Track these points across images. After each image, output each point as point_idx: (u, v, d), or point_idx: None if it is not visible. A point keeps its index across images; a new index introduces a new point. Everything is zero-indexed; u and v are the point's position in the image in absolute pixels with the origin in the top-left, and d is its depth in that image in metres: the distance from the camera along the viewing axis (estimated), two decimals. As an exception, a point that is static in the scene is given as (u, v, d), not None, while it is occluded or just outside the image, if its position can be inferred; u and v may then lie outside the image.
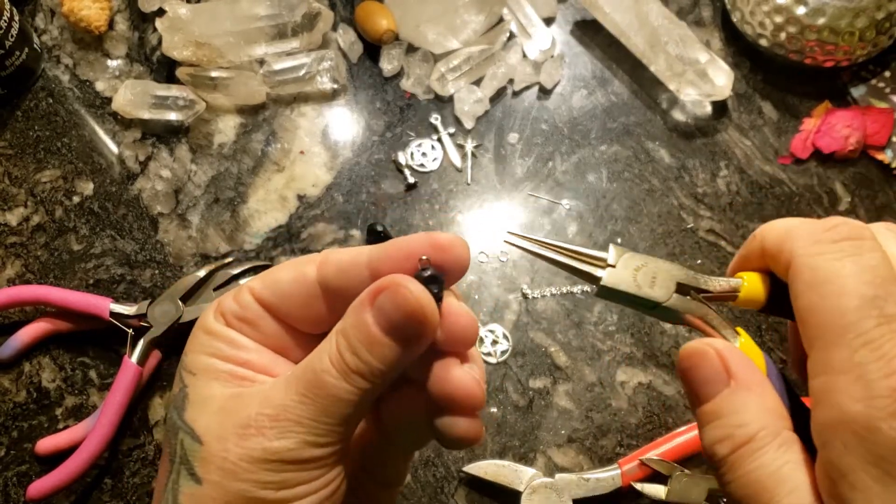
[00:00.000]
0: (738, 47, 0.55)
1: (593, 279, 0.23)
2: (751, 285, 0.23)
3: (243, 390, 0.24)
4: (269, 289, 0.26)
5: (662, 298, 0.23)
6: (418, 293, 0.22)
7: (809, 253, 0.20)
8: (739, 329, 0.23)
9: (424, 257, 0.23)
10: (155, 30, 0.56)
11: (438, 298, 0.23)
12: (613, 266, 0.23)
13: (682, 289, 0.24)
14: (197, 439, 0.23)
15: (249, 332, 0.25)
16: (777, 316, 0.24)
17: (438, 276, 0.23)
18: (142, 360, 0.44)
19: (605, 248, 0.24)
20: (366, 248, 0.25)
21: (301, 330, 0.26)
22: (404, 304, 0.22)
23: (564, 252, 0.24)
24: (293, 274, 0.25)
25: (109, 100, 0.54)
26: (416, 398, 0.25)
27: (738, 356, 0.21)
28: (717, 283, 0.24)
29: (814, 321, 0.19)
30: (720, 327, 0.23)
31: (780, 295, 0.22)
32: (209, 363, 0.25)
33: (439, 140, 0.52)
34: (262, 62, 0.53)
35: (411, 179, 0.51)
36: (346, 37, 0.55)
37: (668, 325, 0.47)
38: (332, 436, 0.23)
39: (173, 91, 0.52)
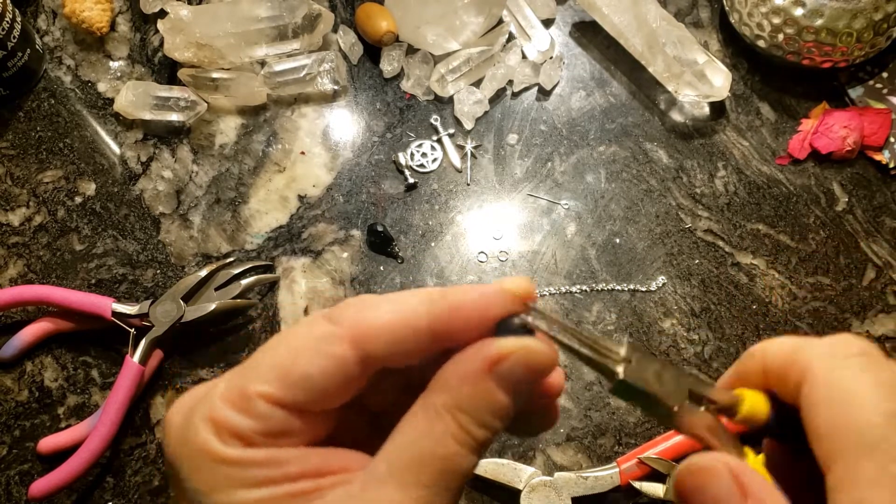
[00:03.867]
0: (736, 48, 0.56)
1: (610, 374, 0.22)
2: (752, 402, 0.22)
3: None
4: (295, 388, 0.20)
5: (676, 404, 0.22)
6: (546, 351, 0.21)
7: (826, 368, 0.20)
8: (747, 448, 0.22)
9: (519, 319, 0.21)
10: (156, 31, 0.56)
11: None
12: (629, 361, 0.22)
13: (692, 396, 0.23)
14: None
15: (282, 443, 0.20)
16: (774, 437, 0.23)
17: (528, 324, 0.21)
18: (143, 360, 0.44)
19: (606, 249, 0.24)
20: (418, 305, 0.21)
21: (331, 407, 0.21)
22: (537, 365, 0.21)
23: (578, 338, 0.23)
24: (325, 362, 0.20)
25: (111, 101, 0.54)
26: None
27: (752, 474, 0.20)
28: (721, 395, 0.23)
29: (836, 436, 0.19)
30: (728, 442, 0.22)
31: (781, 415, 0.22)
32: (257, 496, 0.19)
33: (439, 141, 0.53)
34: (262, 63, 0.54)
35: (411, 180, 0.51)
36: (346, 38, 0.55)
37: (666, 325, 0.47)
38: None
39: (175, 92, 0.52)
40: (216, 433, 0.20)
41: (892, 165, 0.51)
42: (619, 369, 0.22)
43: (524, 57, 0.55)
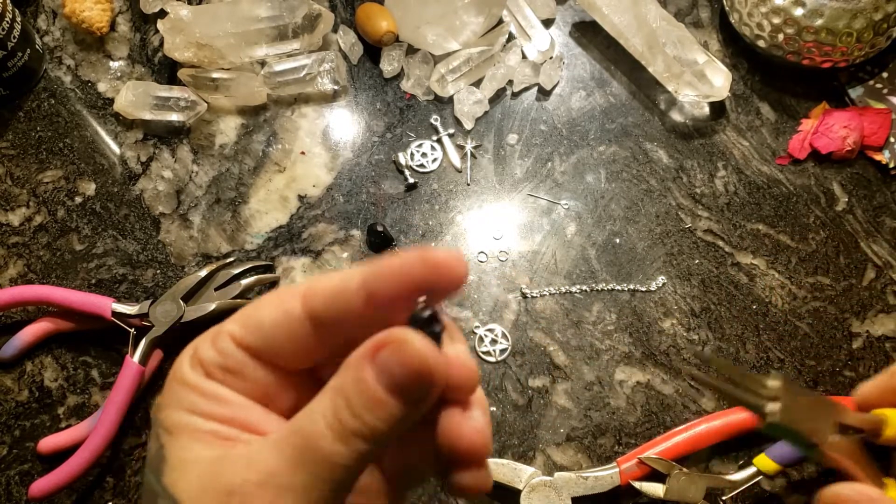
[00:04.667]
0: (736, 48, 0.56)
1: (761, 413, 0.22)
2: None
3: (227, 452, 0.21)
4: (252, 332, 0.23)
5: (824, 439, 0.22)
6: (424, 350, 0.20)
7: None
8: (888, 479, 0.22)
9: (422, 298, 0.21)
10: (156, 31, 0.56)
11: (438, 339, 0.21)
12: (776, 398, 0.22)
13: (839, 427, 0.22)
14: (165, 497, 0.21)
15: (233, 383, 0.23)
16: None
17: (438, 315, 0.21)
18: (143, 360, 0.44)
19: (606, 249, 0.24)
20: (355, 272, 0.22)
21: (288, 369, 0.23)
22: (410, 362, 0.20)
23: (728, 378, 0.22)
24: (277, 312, 0.23)
25: (111, 101, 0.54)
26: (416, 444, 0.23)
27: None
28: (865, 421, 0.22)
29: None
30: (871, 473, 0.22)
31: None
32: (189, 421, 0.22)
33: (439, 141, 0.53)
34: (262, 63, 0.54)
35: (411, 180, 0.51)
36: (346, 38, 0.55)
37: (666, 325, 0.47)
38: (325, 502, 0.20)
39: (175, 92, 0.52)
40: (190, 360, 0.23)
41: (892, 165, 0.51)
42: (771, 408, 0.21)
43: (524, 57, 0.55)
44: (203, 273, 0.47)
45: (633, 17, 0.52)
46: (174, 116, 0.52)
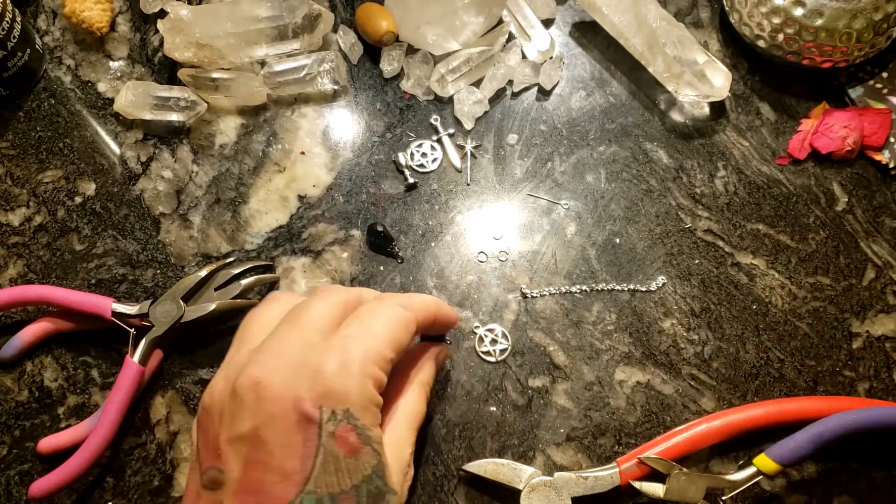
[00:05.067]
0: (737, 48, 0.56)
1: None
2: None
3: (388, 439, 0.36)
4: (399, 354, 0.36)
5: None
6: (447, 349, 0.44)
7: None
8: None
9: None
10: (156, 31, 0.56)
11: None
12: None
13: None
14: (393, 492, 0.33)
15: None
16: None
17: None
18: (144, 360, 0.44)
19: (606, 249, 0.24)
20: (433, 308, 0.39)
21: None
22: (448, 355, 0.44)
23: None
24: (408, 339, 0.36)
25: (111, 101, 0.54)
26: None
27: None
28: None
29: None
30: None
31: None
32: (371, 422, 0.33)
33: (439, 141, 0.53)
34: (262, 63, 0.54)
35: (411, 180, 0.51)
36: (346, 38, 0.55)
37: (666, 325, 0.47)
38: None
39: (175, 92, 0.52)
40: (373, 384, 0.33)
41: (892, 165, 0.51)
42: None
43: (524, 57, 0.55)
44: (203, 273, 0.47)
45: (633, 17, 0.52)
46: (174, 116, 0.52)
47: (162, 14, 0.56)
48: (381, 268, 0.49)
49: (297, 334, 0.34)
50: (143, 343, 0.44)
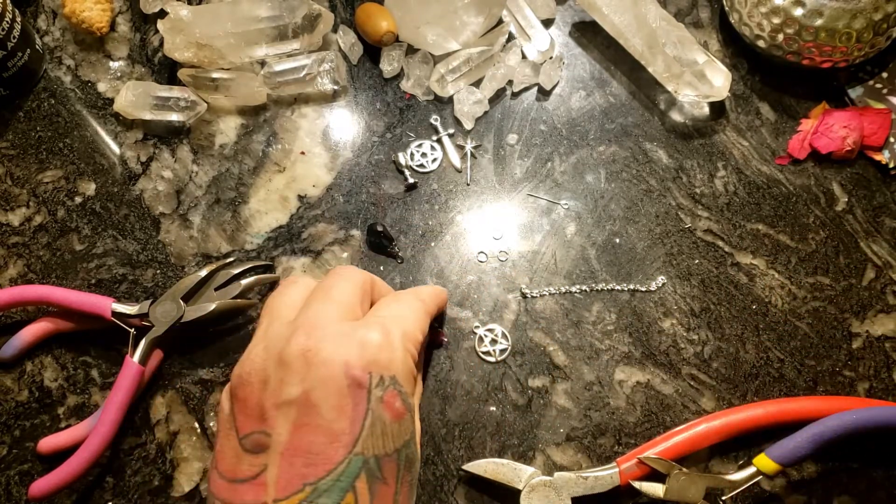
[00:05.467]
0: (736, 48, 0.56)
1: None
2: None
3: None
4: (424, 338, 0.40)
5: None
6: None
7: None
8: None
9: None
10: (156, 31, 0.56)
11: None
12: None
13: None
14: (420, 460, 0.39)
15: None
16: None
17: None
18: (143, 360, 0.44)
19: (606, 249, 0.24)
20: (443, 296, 0.45)
21: None
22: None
23: None
24: (426, 326, 0.40)
25: (111, 101, 0.54)
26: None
27: None
28: None
29: None
30: None
31: None
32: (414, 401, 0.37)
33: (439, 141, 0.53)
34: (262, 63, 0.54)
35: (411, 180, 0.51)
36: (346, 38, 0.55)
37: (666, 325, 0.47)
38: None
39: (175, 92, 0.52)
40: (412, 359, 0.37)
41: (892, 165, 0.51)
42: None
43: (524, 57, 0.55)
44: (203, 273, 0.47)
45: (633, 17, 0.52)
46: (174, 116, 0.52)
47: (162, 14, 0.56)
48: (381, 268, 0.49)
49: (333, 308, 0.36)
50: (143, 343, 0.44)
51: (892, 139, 0.51)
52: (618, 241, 0.49)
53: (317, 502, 0.32)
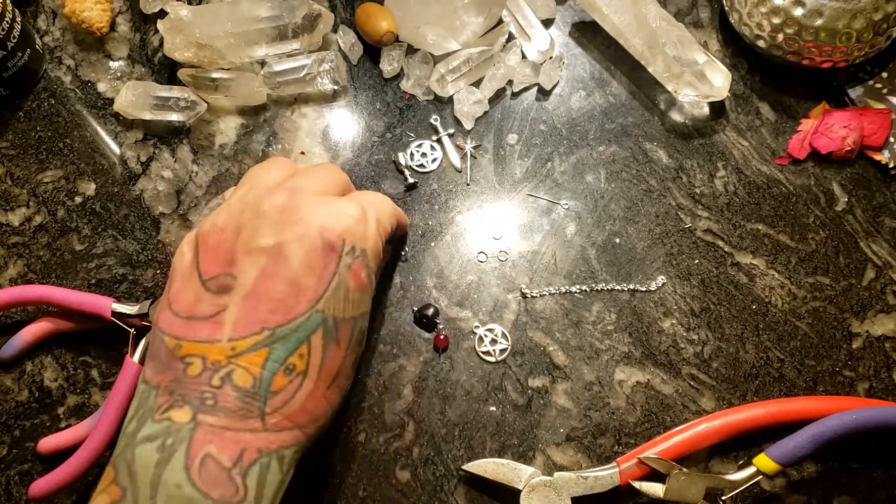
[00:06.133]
0: (736, 48, 0.56)
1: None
2: None
3: None
4: (391, 233, 0.42)
5: None
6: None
7: None
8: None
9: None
10: (156, 31, 0.56)
11: (434, 321, 0.48)
12: None
13: None
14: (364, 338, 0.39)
15: None
16: None
17: (437, 310, 0.48)
18: (143, 360, 0.44)
19: (606, 249, 0.24)
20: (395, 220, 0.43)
21: None
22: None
23: None
24: (393, 224, 0.42)
25: (111, 101, 0.54)
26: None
27: None
28: None
29: None
30: None
31: None
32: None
33: (439, 141, 0.53)
34: (262, 63, 0.54)
35: (411, 180, 0.51)
36: (346, 38, 0.55)
37: (665, 325, 0.47)
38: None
39: (175, 92, 0.52)
40: (381, 242, 0.39)
41: (891, 165, 0.51)
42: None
43: (524, 57, 0.55)
44: (203, 273, 0.47)
45: (633, 17, 0.52)
46: (174, 116, 0.52)
47: (162, 14, 0.56)
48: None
49: (315, 182, 0.38)
50: (143, 343, 0.44)
51: (892, 139, 0.51)
52: (618, 241, 0.49)
53: (272, 346, 0.33)
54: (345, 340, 0.35)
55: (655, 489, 0.41)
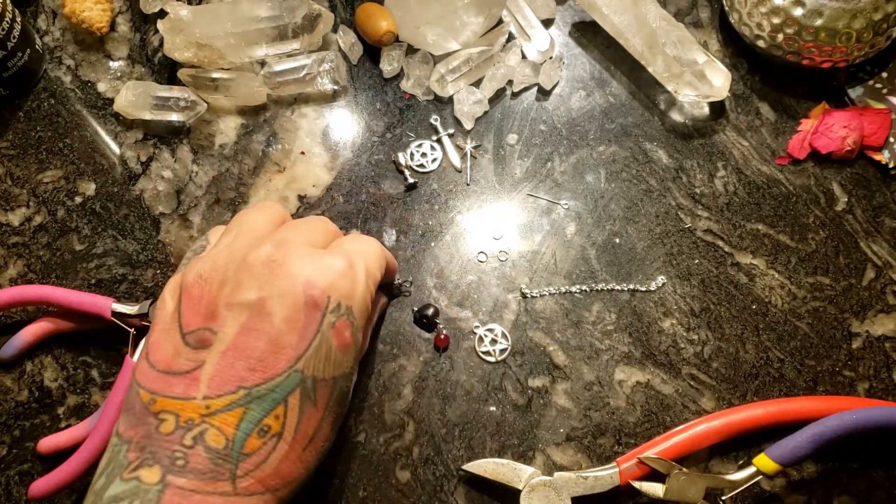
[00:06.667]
0: (736, 48, 0.56)
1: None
2: None
3: None
4: (380, 280, 0.40)
5: None
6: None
7: None
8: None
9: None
10: (156, 31, 0.56)
11: (434, 321, 0.47)
12: None
13: None
14: (347, 401, 0.39)
15: None
16: None
17: (437, 310, 0.48)
18: (143, 360, 0.44)
19: (606, 249, 0.24)
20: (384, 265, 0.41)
21: None
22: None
23: None
24: (381, 274, 0.40)
25: (111, 101, 0.54)
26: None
27: None
28: None
29: None
30: None
31: None
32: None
33: (439, 141, 0.53)
34: (262, 63, 0.54)
35: (411, 180, 0.51)
36: (346, 38, 0.55)
37: (665, 325, 0.47)
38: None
39: (174, 92, 0.52)
40: (368, 295, 0.37)
41: (891, 165, 0.51)
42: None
43: (524, 57, 0.55)
44: (203, 273, 0.47)
45: (633, 17, 0.52)
46: (174, 116, 0.52)
47: (162, 14, 0.56)
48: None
49: (302, 234, 0.37)
50: (142, 343, 0.44)
51: (892, 139, 0.51)
52: (618, 241, 0.49)
53: (247, 406, 0.32)
54: (322, 401, 0.34)
55: (655, 489, 0.41)
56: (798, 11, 0.49)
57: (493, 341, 0.47)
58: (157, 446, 0.32)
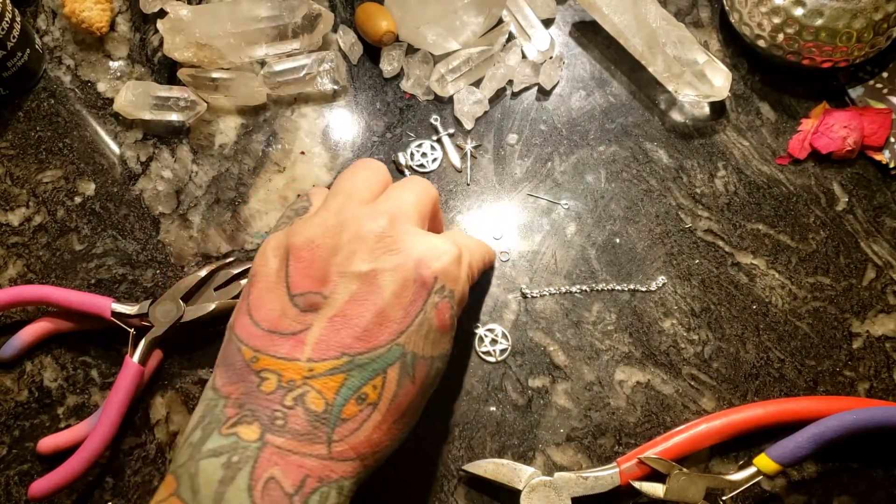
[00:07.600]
0: (737, 48, 0.56)
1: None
2: None
3: None
4: (480, 273, 0.43)
5: None
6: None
7: None
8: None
9: None
10: (156, 31, 0.56)
11: None
12: None
13: None
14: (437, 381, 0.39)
15: None
16: None
17: None
18: (143, 360, 0.44)
19: (606, 249, 0.24)
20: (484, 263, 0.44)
21: None
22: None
23: None
24: (483, 267, 0.44)
25: (111, 101, 0.54)
26: None
27: None
28: None
29: None
30: None
31: None
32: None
33: (439, 141, 0.53)
34: (262, 63, 0.54)
35: (411, 180, 0.51)
36: (346, 38, 0.55)
37: (666, 325, 0.47)
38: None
39: (174, 92, 0.52)
40: (467, 288, 0.39)
41: (892, 165, 0.51)
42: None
43: (524, 57, 0.55)
44: (203, 273, 0.47)
45: (633, 17, 0.52)
46: (174, 116, 0.52)
47: (162, 14, 0.56)
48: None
49: (413, 207, 0.38)
50: (142, 343, 0.44)
51: (892, 139, 0.51)
52: (618, 241, 0.49)
53: (349, 373, 0.33)
54: (420, 377, 0.35)
55: (656, 489, 0.41)
56: (798, 11, 0.49)
57: (494, 341, 0.46)
58: (257, 404, 0.33)
